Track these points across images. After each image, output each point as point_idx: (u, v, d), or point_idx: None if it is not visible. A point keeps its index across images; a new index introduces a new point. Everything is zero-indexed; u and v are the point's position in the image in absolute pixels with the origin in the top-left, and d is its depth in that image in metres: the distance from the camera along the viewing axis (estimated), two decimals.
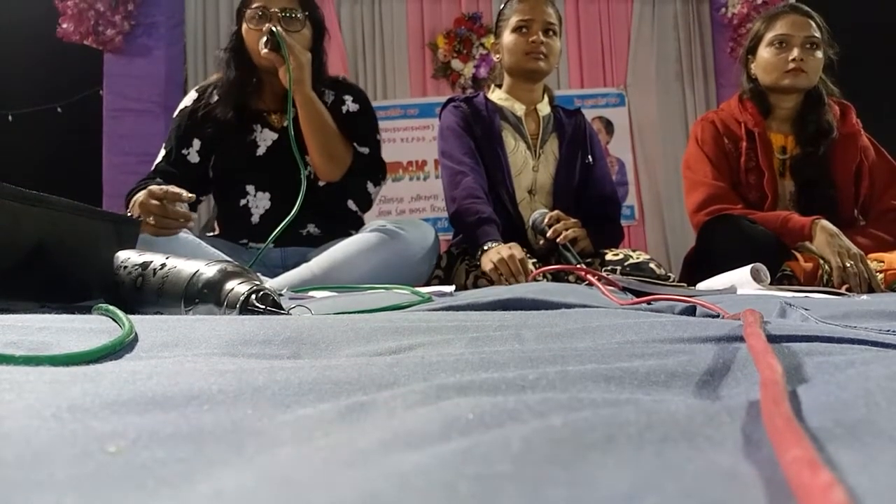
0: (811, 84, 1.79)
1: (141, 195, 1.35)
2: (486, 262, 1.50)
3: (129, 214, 1.31)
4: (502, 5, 1.87)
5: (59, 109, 3.74)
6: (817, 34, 1.78)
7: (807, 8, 1.84)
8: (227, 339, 0.48)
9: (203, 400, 0.26)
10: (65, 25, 3.39)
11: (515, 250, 1.47)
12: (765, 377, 0.25)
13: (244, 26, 1.61)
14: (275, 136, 1.66)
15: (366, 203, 1.73)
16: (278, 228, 1.36)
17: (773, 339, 0.40)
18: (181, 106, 1.73)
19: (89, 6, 3.37)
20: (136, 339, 0.49)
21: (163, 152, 1.68)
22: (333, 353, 0.47)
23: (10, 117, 3.82)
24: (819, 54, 1.78)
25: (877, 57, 3.40)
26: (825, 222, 1.63)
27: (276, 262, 1.59)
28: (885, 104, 2.74)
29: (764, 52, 1.82)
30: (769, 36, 1.81)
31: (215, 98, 1.67)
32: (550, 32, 1.77)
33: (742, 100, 1.90)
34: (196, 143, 1.66)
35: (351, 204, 1.70)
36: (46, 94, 3.71)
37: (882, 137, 1.89)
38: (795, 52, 1.75)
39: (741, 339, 0.40)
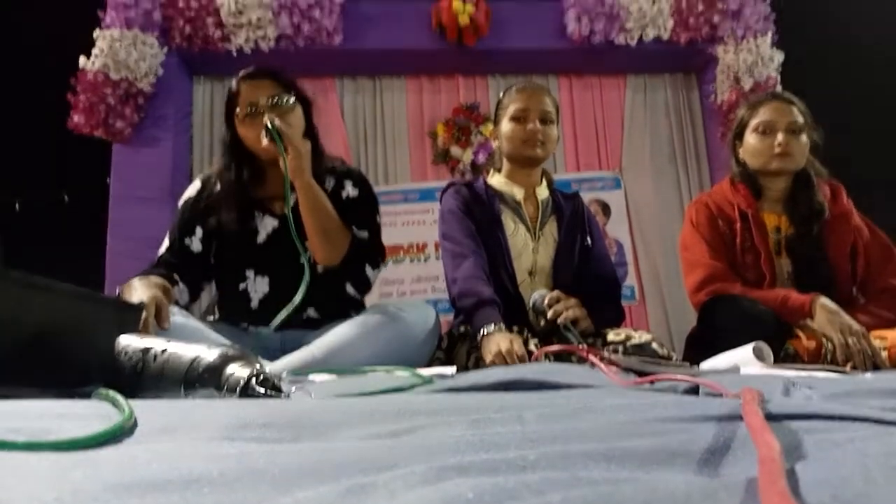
0: (798, 167, 1.84)
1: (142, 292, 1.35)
2: (487, 354, 1.49)
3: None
4: (501, 94, 1.94)
5: (65, 198, 3.82)
6: (800, 119, 1.84)
7: (788, 95, 1.91)
8: (227, 422, 0.48)
9: (203, 483, 0.26)
10: (76, 118, 3.50)
11: (516, 343, 1.46)
12: (762, 454, 0.25)
13: (238, 126, 1.65)
14: (275, 222, 1.68)
15: (364, 287, 1.74)
16: (282, 313, 1.37)
17: (773, 417, 0.40)
18: (185, 196, 1.76)
19: (101, 100, 3.48)
20: (135, 424, 0.49)
21: (166, 242, 1.71)
22: (334, 436, 0.46)
23: (17, 206, 3.89)
24: (803, 138, 1.83)
25: (861, 139, 3.51)
26: (825, 300, 1.63)
27: (276, 346, 1.58)
28: (872, 185, 2.80)
29: (750, 139, 1.88)
30: (754, 122, 1.88)
31: (217, 188, 1.70)
32: (547, 121, 1.83)
33: (734, 183, 1.94)
34: (199, 233, 1.69)
35: (349, 288, 1.71)
36: (54, 183, 3.80)
37: (873, 217, 1.92)
38: (780, 137, 1.81)
39: (742, 417, 0.40)
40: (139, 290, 1.38)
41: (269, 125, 1.49)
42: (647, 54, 4.10)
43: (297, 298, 1.39)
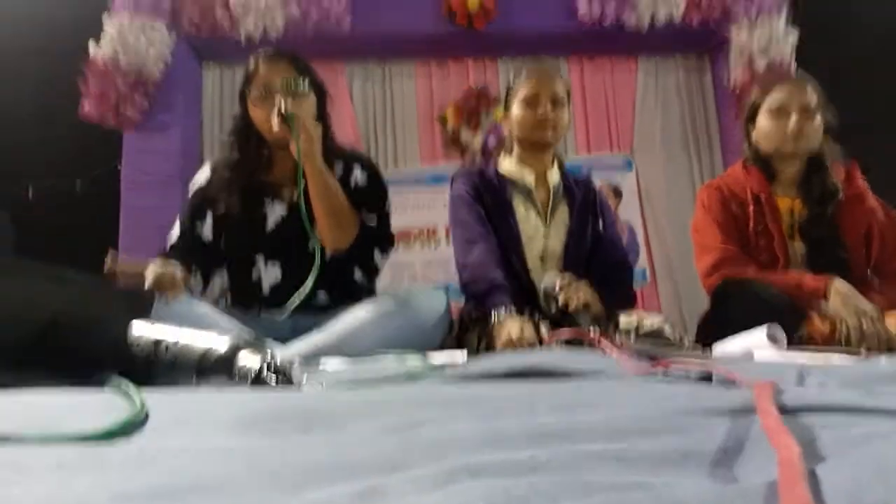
0: (812, 148, 1.81)
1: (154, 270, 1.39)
2: (498, 340, 1.49)
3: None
4: (512, 78, 1.92)
5: (78, 185, 3.84)
6: (813, 100, 1.81)
7: (802, 75, 1.88)
8: (238, 416, 0.48)
9: (211, 488, 0.25)
10: (87, 107, 3.51)
11: (527, 329, 1.45)
12: (782, 457, 0.24)
13: (251, 106, 1.65)
14: (284, 208, 1.68)
15: (373, 272, 1.74)
16: (293, 299, 1.37)
17: (787, 410, 0.40)
18: (194, 182, 1.77)
19: (111, 87, 3.49)
20: (147, 417, 0.49)
21: (177, 230, 1.72)
22: (344, 430, 0.46)
23: (30, 194, 3.92)
24: (817, 119, 1.80)
25: (879, 121, 3.46)
26: (840, 282, 1.61)
27: (287, 331, 1.59)
28: (888, 164, 2.76)
29: (763, 121, 1.85)
30: (766, 105, 1.85)
31: (227, 174, 1.70)
32: (558, 104, 1.81)
33: (746, 166, 1.91)
34: (209, 221, 1.69)
35: (357, 273, 1.71)
36: (65, 171, 3.81)
37: (889, 196, 1.89)
38: (793, 119, 1.78)
39: (755, 410, 0.39)
40: (150, 270, 1.40)
41: (282, 109, 1.49)
42: (658, 36, 4.04)
43: (309, 284, 1.39)
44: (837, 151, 1.87)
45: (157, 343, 0.83)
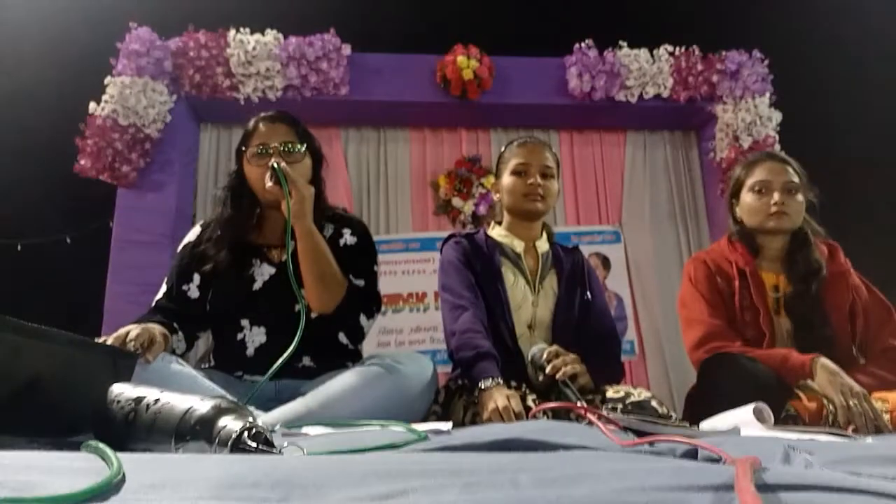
0: (794, 226, 1.85)
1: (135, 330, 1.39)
2: (484, 409, 1.47)
3: (133, 350, 1.31)
4: (503, 148, 1.97)
5: (68, 240, 3.84)
6: (795, 179, 1.86)
7: (783, 155, 1.94)
8: (216, 481, 0.47)
9: None
10: (83, 162, 3.54)
11: (513, 400, 1.44)
12: None
13: (246, 164, 1.68)
14: (272, 270, 1.68)
15: (358, 336, 1.73)
16: (277, 364, 1.36)
17: (769, 488, 0.40)
18: (184, 241, 1.78)
19: (108, 145, 3.54)
20: (123, 480, 0.48)
21: (164, 288, 1.71)
22: (323, 498, 0.46)
23: (18, 247, 3.91)
24: (799, 197, 1.85)
25: (858, 200, 3.55)
26: (825, 360, 1.61)
27: (271, 395, 1.57)
28: (868, 244, 2.82)
29: (746, 198, 1.90)
30: (750, 182, 1.90)
31: (218, 230, 1.71)
32: (548, 175, 1.86)
33: (731, 241, 1.95)
34: (196, 279, 1.69)
35: (342, 336, 1.70)
36: (57, 225, 3.82)
37: (871, 278, 1.92)
38: (776, 197, 1.83)
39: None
40: (133, 328, 1.39)
41: (275, 166, 1.51)
42: (647, 111, 4.19)
43: (293, 346, 1.38)
44: (820, 230, 1.91)
45: (137, 402, 0.82)
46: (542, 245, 1.93)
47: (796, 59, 4.06)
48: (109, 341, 1.33)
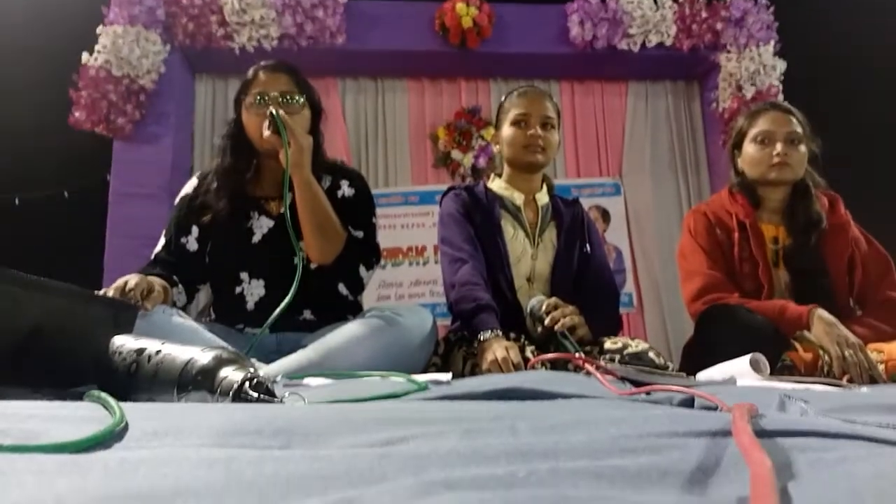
0: (796, 177, 1.84)
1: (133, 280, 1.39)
2: (483, 361, 1.49)
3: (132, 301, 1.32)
4: (503, 99, 1.94)
5: (66, 194, 3.82)
6: (798, 129, 1.84)
7: (787, 104, 1.91)
8: (218, 428, 0.47)
9: (190, 495, 0.25)
10: (77, 114, 3.49)
11: (512, 351, 1.46)
12: (754, 473, 0.24)
13: (244, 112, 1.66)
14: (271, 223, 1.68)
15: (357, 287, 1.73)
16: (273, 315, 1.37)
17: (766, 434, 0.40)
18: (182, 193, 1.76)
19: (102, 96, 3.48)
20: (126, 428, 0.48)
21: (162, 241, 1.70)
22: (324, 444, 0.46)
23: (16, 201, 3.89)
24: (802, 148, 1.83)
25: (860, 152, 3.52)
26: (822, 311, 1.62)
27: (272, 348, 1.58)
28: (869, 196, 2.80)
29: (749, 148, 1.88)
30: (752, 132, 1.88)
31: (214, 185, 1.70)
32: (548, 126, 1.83)
33: (732, 192, 1.94)
34: (195, 231, 1.68)
35: (342, 288, 1.70)
36: (54, 180, 3.79)
37: (871, 228, 1.92)
38: (779, 147, 1.81)
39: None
40: (132, 278, 1.40)
41: (274, 113, 1.49)
42: (649, 60, 4.11)
43: (288, 298, 1.39)
44: (821, 181, 1.89)
45: (139, 353, 0.82)
46: (542, 198, 1.92)
47: (801, 5, 3.96)
48: (110, 293, 1.34)
